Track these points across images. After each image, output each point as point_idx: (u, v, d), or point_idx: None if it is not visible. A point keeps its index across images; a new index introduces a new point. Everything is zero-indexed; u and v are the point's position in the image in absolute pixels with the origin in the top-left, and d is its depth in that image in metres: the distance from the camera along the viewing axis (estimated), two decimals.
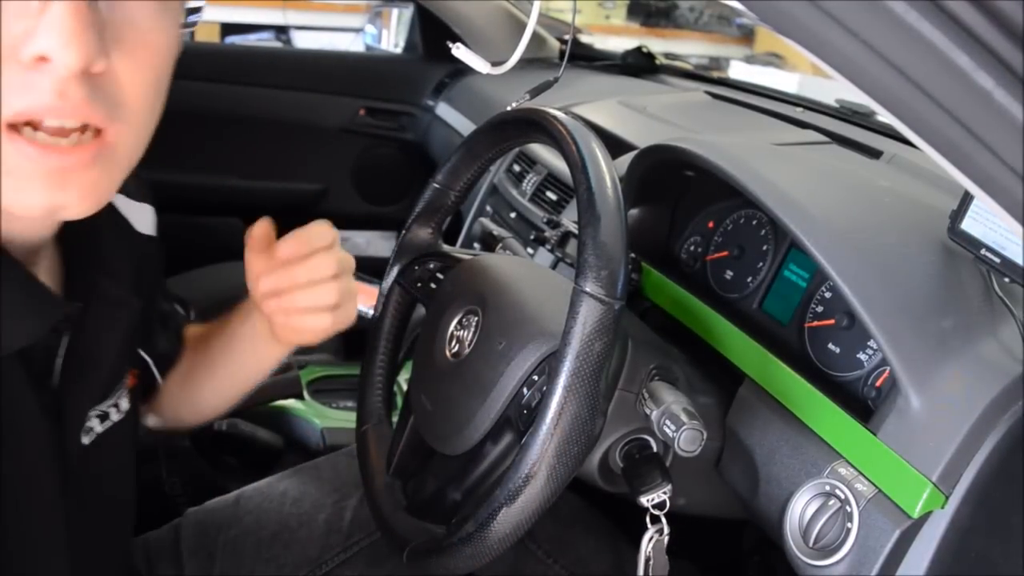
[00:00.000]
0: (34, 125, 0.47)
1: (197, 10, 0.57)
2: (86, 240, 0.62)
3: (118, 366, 0.67)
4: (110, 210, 0.69)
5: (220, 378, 0.87)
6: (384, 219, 2.07)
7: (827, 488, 0.66)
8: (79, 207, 0.50)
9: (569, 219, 1.01)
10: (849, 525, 0.64)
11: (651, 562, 0.68)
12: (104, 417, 0.66)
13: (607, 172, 0.62)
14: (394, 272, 0.86)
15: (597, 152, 0.63)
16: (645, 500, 0.66)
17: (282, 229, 0.76)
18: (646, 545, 0.68)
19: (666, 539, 0.68)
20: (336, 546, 0.89)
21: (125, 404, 0.69)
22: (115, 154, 0.51)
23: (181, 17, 0.54)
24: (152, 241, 0.77)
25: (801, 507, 0.68)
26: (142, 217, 0.76)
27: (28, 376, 0.56)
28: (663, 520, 0.68)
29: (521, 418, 0.65)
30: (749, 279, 0.89)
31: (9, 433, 0.54)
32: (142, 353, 0.77)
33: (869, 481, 0.65)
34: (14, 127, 0.46)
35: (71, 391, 0.60)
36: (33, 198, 0.48)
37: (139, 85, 0.50)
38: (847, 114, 1.32)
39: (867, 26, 0.38)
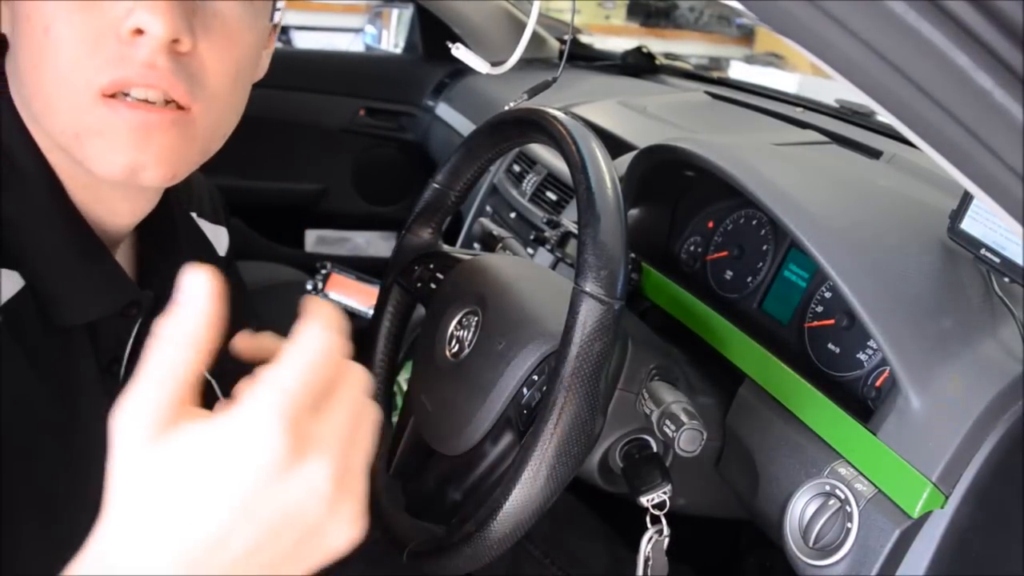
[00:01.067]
0: (124, 95, 0.52)
1: (278, 9, 0.62)
2: (163, 242, 0.65)
3: None
4: (191, 224, 0.73)
5: None
6: (384, 219, 2.07)
7: (827, 488, 0.66)
8: (156, 170, 0.53)
9: (569, 219, 1.02)
10: (849, 525, 0.64)
11: (650, 562, 0.68)
12: None
13: (607, 172, 0.62)
14: (394, 272, 0.86)
15: (597, 152, 0.63)
16: (645, 500, 0.66)
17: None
18: (645, 545, 0.68)
19: (666, 540, 0.68)
20: None
21: None
22: (194, 127, 0.54)
23: (267, 15, 0.59)
24: (225, 261, 0.80)
25: (801, 507, 0.68)
26: (218, 239, 0.79)
27: (96, 358, 0.59)
28: (663, 520, 0.68)
29: (521, 418, 0.65)
30: (749, 279, 0.89)
31: (76, 407, 0.57)
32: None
33: (869, 481, 0.65)
34: (107, 95, 0.51)
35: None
36: (118, 157, 0.52)
37: (220, 71, 0.54)
38: (847, 114, 1.32)
39: (867, 26, 0.38)
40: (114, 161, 0.52)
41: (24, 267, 0.53)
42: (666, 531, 0.68)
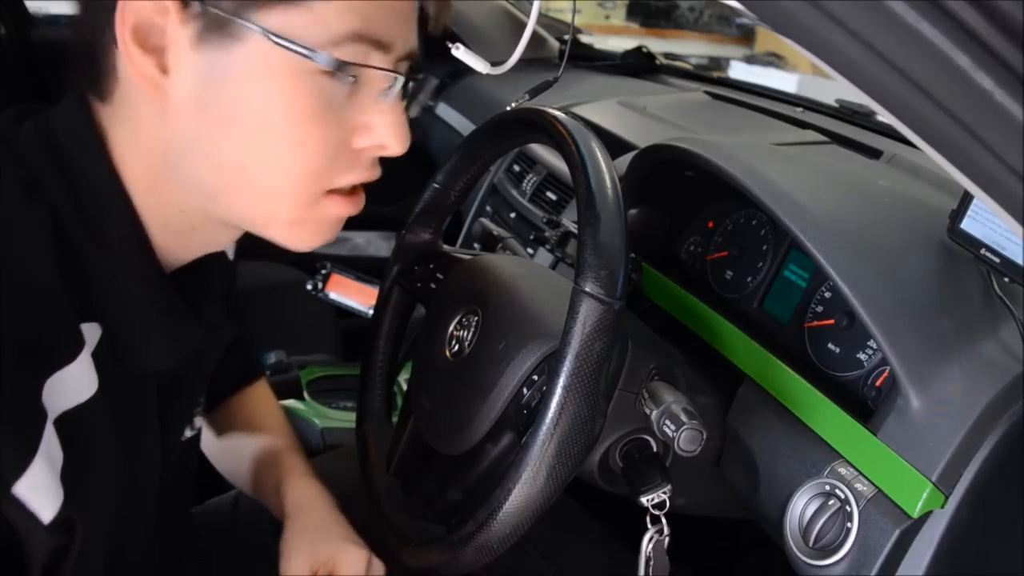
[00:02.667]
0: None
1: None
2: (198, 265, 0.65)
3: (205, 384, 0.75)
4: None
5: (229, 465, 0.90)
6: (384, 219, 2.06)
7: (827, 488, 0.67)
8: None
9: (569, 219, 1.01)
10: (849, 525, 0.64)
11: (651, 562, 0.68)
12: (192, 426, 0.74)
13: (607, 172, 0.62)
14: (394, 272, 0.86)
15: (597, 152, 0.63)
16: (645, 500, 0.66)
17: None
18: (646, 545, 0.68)
19: (667, 540, 0.68)
20: None
21: (199, 421, 0.76)
22: None
23: None
24: (233, 265, 0.81)
25: (801, 507, 0.68)
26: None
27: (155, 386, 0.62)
28: (663, 520, 0.68)
29: (521, 418, 0.65)
30: (749, 279, 0.89)
31: (135, 427, 0.60)
32: None
33: (869, 481, 0.65)
34: (329, 191, 0.57)
35: (179, 404, 0.69)
36: (319, 239, 0.59)
37: None
38: (847, 114, 1.32)
39: (867, 26, 0.38)
40: (313, 242, 0.59)
41: (104, 318, 0.54)
42: (666, 531, 0.68)
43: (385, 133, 0.56)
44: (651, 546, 0.68)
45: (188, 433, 0.73)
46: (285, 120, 0.52)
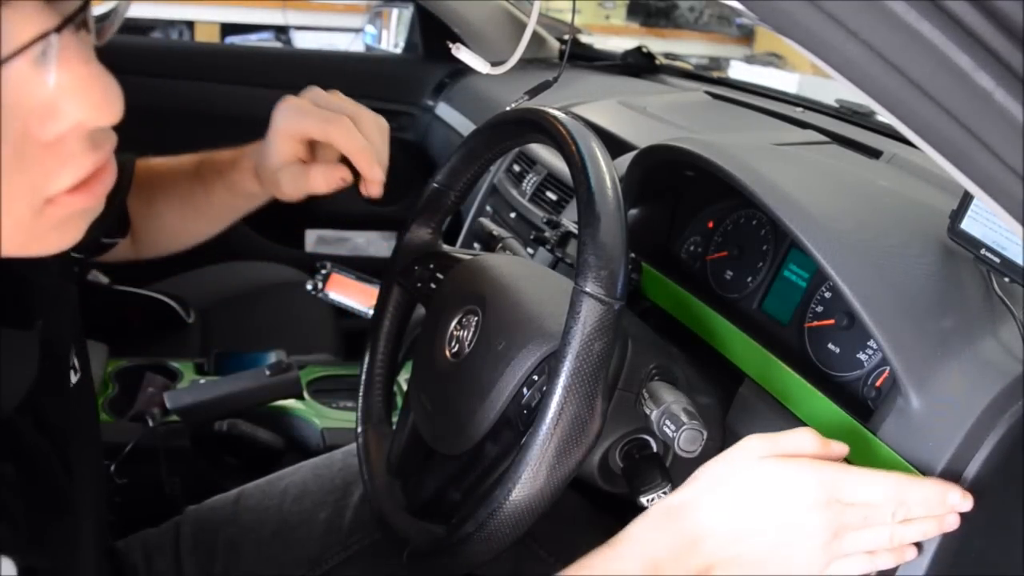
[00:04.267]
0: None
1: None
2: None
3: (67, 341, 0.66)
4: None
5: (190, 215, 0.90)
6: (384, 219, 2.06)
7: None
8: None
9: (569, 219, 1.02)
10: None
11: None
12: (75, 369, 0.66)
13: (607, 172, 0.62)
14: (394, 272, 0.86)
15: (597, 152, 0.63)
16: (645, 500, 0.66)
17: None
18: None
19: None
20: (336, 545, 0.89)
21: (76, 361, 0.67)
22: None
23: None
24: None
25: None
26: None
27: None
28: None
29: (521, 418, 0.65)
30: (749, 279, 0.89)
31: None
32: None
33: None
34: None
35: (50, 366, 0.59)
36: (64, 242, 0.45)
37: None
38: (847, 114, 1.32)
39: (867, 26, 0.38)
40: (61, 245, 0.46)
41: None
42: None
43: (73, 108, 0.39)
44: None
45: (73, 378, 0.65)
46: None
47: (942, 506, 0.58)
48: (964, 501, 0.58)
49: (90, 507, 0.63)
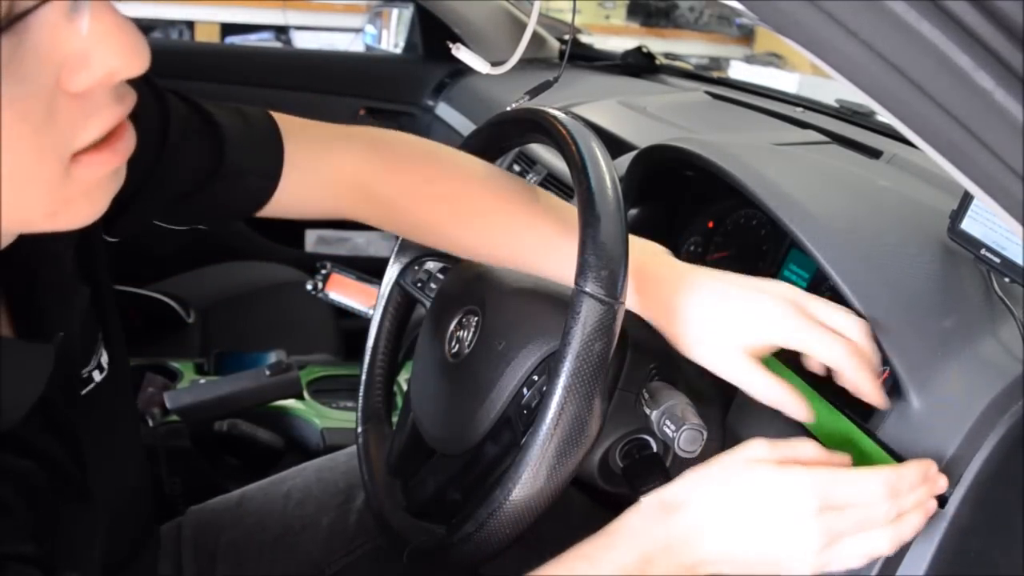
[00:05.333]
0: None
1: None
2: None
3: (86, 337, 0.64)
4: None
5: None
6: None
7: None
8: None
9: None
10: None
11: None
12: (100, 368, 0.65)
13: (607, 172, 0.62)
14: (394, 272, 0.86)
15: (597, 152, 0.63)
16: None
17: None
18: None
19: None
20: (340, 550, 0.89)
21: (104, 359, 0.66)
22: None
23: None
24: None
25: None
26: None
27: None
28: None
29: (521, 418, 0.65)
30: None
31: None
32: None
33: None
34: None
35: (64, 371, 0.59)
36: (92, 213, 0.45)
37: None
38: (847, 114, 1.32)
39: (867, 26, 0.38)
40: (89, 216, 0.46)
41: None
42: None
43: (105, 57, 0.40)
44: None
45: (97, 377, 0.64)
46: None
47: (929, 490, 0.58)
48: (940, 481, 0.58)
49: (110, 500, 0.63)
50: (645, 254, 0.72)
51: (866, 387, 0.63)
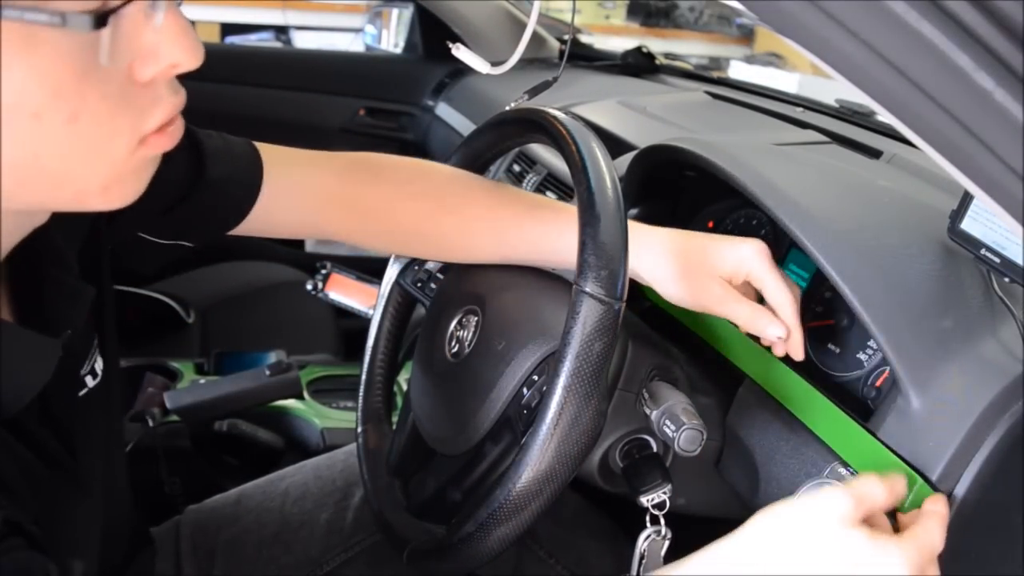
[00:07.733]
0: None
1: None
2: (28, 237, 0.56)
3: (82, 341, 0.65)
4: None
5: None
6: None
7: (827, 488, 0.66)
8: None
9: None
10: None
11: (644, 560, 0.68)
12: (93, 375, 0.66)
13: (607, 172, 0.62)
14: (394, 272, 0.86)
15: (597, 152, 0.63)
16: (645, 500, 0.66)
17: None
18: (642, 543, 0.68)
19: (666, 541, 0.68)
20: (337, 546, 0.89)
21: (97, 365, 0.67)
22: None
23: None
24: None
25: None
26: None
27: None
28: (662, 521, 0.68)
29: (521, 418, 0.65)
30: None
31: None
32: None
33: None
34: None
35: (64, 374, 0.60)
36: (132, 194, 0.50)
37: None
38: (847, 114, 1.32)
39: (867, 26, 0.38)
40: (130, 196, 0.51)
41: None
42: (664, 531, 0.68)
43: (171, 50, 0.46)
44: (646, 544, 0.68)
45: (90, 382, 0.66)
46: (48, 98, 0.43)
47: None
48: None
49: (103, 487, 0.64)
50: None
51: (797, 334, 0.71)
